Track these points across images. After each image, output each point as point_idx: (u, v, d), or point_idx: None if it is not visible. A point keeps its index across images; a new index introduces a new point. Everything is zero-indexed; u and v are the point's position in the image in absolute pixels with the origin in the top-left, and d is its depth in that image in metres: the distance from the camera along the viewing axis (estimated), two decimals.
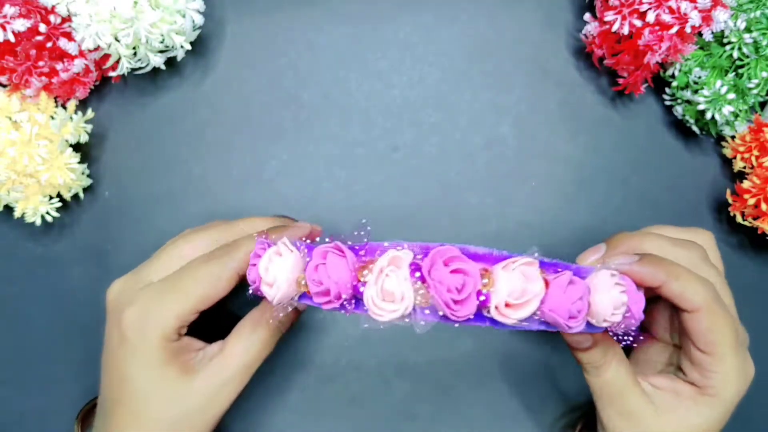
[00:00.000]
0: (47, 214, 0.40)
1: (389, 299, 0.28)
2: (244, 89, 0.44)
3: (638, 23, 0.39)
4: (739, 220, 0.42)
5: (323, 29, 0.44)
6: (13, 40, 0.37)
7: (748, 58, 0.41)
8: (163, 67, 0.41)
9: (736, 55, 0.41)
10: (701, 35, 0.40)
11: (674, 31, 0.39)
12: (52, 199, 0.41)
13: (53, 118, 0.39)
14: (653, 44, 0.39)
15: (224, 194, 0.44)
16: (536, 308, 0.28)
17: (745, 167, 0.42)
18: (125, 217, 0.43)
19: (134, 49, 0.39)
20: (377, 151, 0.44)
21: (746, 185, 0.41)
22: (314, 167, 0.44)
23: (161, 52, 0.40)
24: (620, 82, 0.43)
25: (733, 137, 0.43)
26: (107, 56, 0.40)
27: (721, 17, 0.39)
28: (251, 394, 0.42)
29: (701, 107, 0.41)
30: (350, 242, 0.29)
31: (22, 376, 0.43)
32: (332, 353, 0.43)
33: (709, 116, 0.41)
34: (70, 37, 0.39)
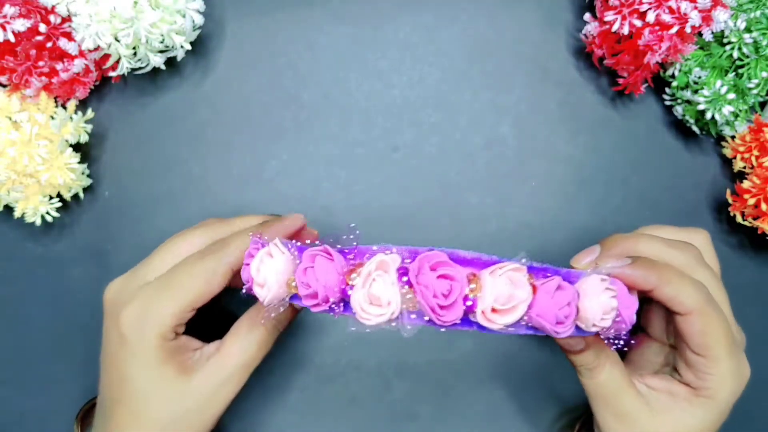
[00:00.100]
0: (47, 214, 0.40)
1: (376, 303, 0.28)
2: (244, 89, 0.44)
3: (638, 23, 0.39)
4: (739, 220, 0.42)
5: (323, 29, 0.44)
6: (13, 40, 0.37)
7: (748, 58, 0.41)
8: (163, 67, 0.41)
9: (736, 55, 0.41)
10: (701, 35, 0.40)
11: (674, 31, 0.39)
12: (52, 199, 0.41)
13: (53, 118, 0.39)
14: (653, 44, 0.39)
15: (224, 194, 0.44)
16: (523, 314, 0.28)
17: (745, 167, 0.42)
18: (125, 217, 0.43)
19: (134, 49, 0.39)
20: (377, 151, 0.44)
21: (746, 185, 0.41)
22: (314, 167, 0.44)
23: (161, 52, 0.40)
24: (620, 82, 0.43)
25: (733, 137, 0.43)
26: (107, 56, 0.40)
27: (721, 17, 0.39)
28: (251, 394, 0.42)
29: (701, 107, 0.41)
30: (339, 245, 0.29)
31: (22, 376, 0.43)
32: (332, 353, 0.43)
33: (709, 116, 0.41)
34: (70, 37, 0.39)
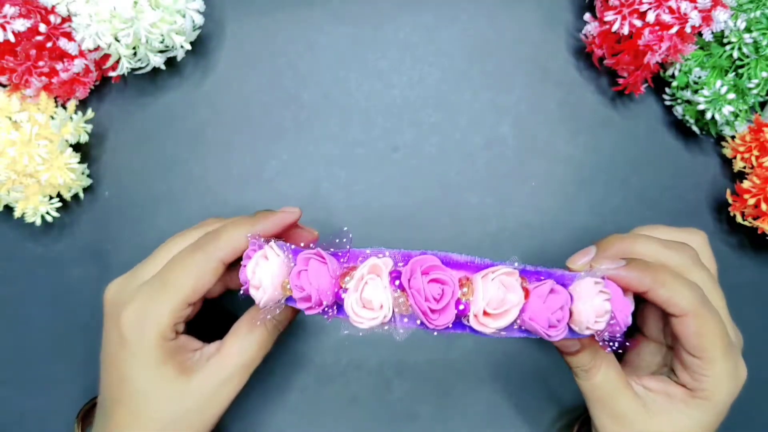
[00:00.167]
0: (47, 214, 0.40)
1: (368, 307, 0.28)
2: (244, 89, 0.44)
3: (638, 23, 0.39)
4: (739, 220, 0.42)
5: (323, 29, 0.44)
6: (13, 40, 0.37)
7: (748, 58, 0.41)
8: (163, 67, 0.41)
9: (736, 55, 0.41)
10: (701, 35, 0.40)
11: (674, 31, 0.39)
12: (52, 199, 0.41)
13: (53, 118, 0.39)
14: (653, 44, 0.39)
15: (224, 194, 0.44)
16: (515, 318, 0.28)
17: (745, 167, 0.42)
18: (125, 217, 0.43)
19: (134, 49, 0.39)
20: (377, 151, 0.44)
21: (746, 185, 0.41)
22: (314, 167, 0.44)
23: (161, 52, 0.40)
24: (620, 82, 0.43)
25: (733, 137, 0.43)
26: (107, 56, 0.40)
27: (721, 17, 0.39)
28: (251, 394, 0.42)
29: (701, 107, 0.41)
30: (333, 249, 0.30)
31: (22, 376, 0.43)
32: (332, 353, 0.43)
33: (709, 116, 0.41)
34: (70, 37, 0.39)
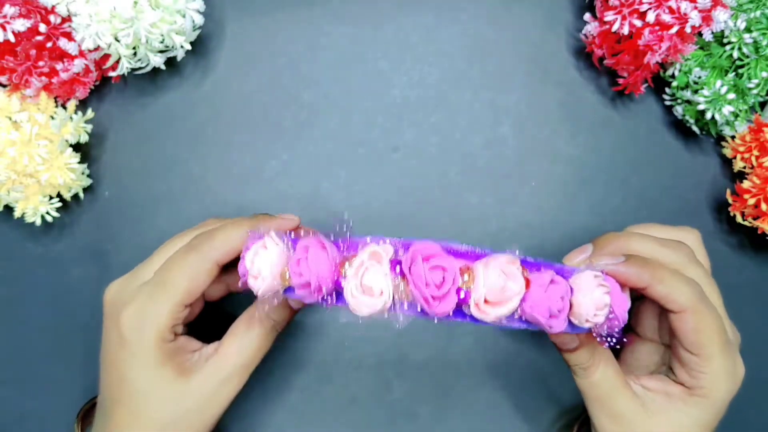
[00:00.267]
0: (47, 214, 0.40)
1: (368, 293, 0.28)
2: (244, 89, 0.44)
3: (638, 23, 0.39)
4: (739, 220, 0.42)
5: (323, 29, 0.44)
6: (13, 40, 0.37)
7: (748, 58, 0.41)
8: (163, 67, 0.41)
9: (736, 55, 0.41)
10: (701, 35, 0.40)
11: (674, 31, 0.39)
12: (52, 199, 0.41)
13: (53, 118, 0.39)
14: (653, 44, 0.39)
15: (224, 194, 0.44)
16: (516, 306, 0.28)
17: (745, 167, 0.42)
18: (125, 217, 0.43)
19: (134, 49, 0.39)
20: (377, 151, 0.44)
21: (746, 185, 0.41)
22: (314, 167, 0.44)
23: (161, 52, 0.40)
24: (620, 82, 0.43)
25: (733, 137, 0.43)
26: (107, 56, 0.40)
27: (721, 17, 0.39)
28: (251, 394, 0.42)
29: (701, 107, 0.41)
30: (333, 236, 0.29)
31: (22, 376, 0.43)
32: (332, 353, 0.43)
33: (709, 116, 0.41)
34: (70, 37, 0.39)
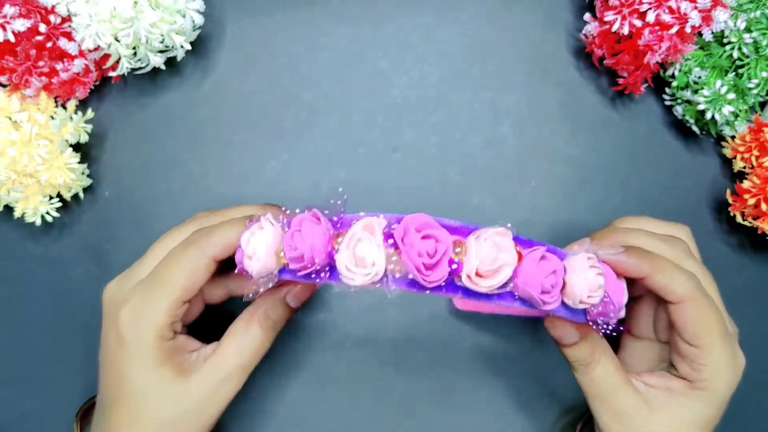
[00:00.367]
0: (47, 214, 0.40)
1: (361, 264, 0.28)
2: (244, 89, 0.44)
3: (638, 23, 0.39)
4: (739, 220, 0.42)
5: (323, 29, 0.44)
6: (13, 40, 0.37)
7: (748, 58, 0.41)
8: (163, 67, 0.41)
9: (736, 55, 0.41)
10: (701, 35, 0.40)
11: (674, 31, 0.39)
12: (52, 199, 0.41)
13: (53, 118, 0.39)
14: (653, 44, 0.39)
15: (224, 194, 0.44)
16: (508, 276, 0.28)
17: (745, 167, 0.42)
18: (125, 217, 0.43)
19: (134, 49, 0.39)
20: (377, 151, 0.44)
21: (746, 185, 0.41)
22: (314, 167, 0.44)
23: (161, 52, 0.40)
24: (620, 82, 0.43)
25: (733, 137, 0.43)
26: (107, 56, 0.40)
27: (721, 17, 0.39)
28: (251, 394, 0.42)
29: (701, 107, 0.41)
30: (327, 212, 0.30)
31: (22, 376, 0.43)
32: (332, 353, 0.43)
33: (709, 116, 0.41)
34: (70, 37, 0.39)
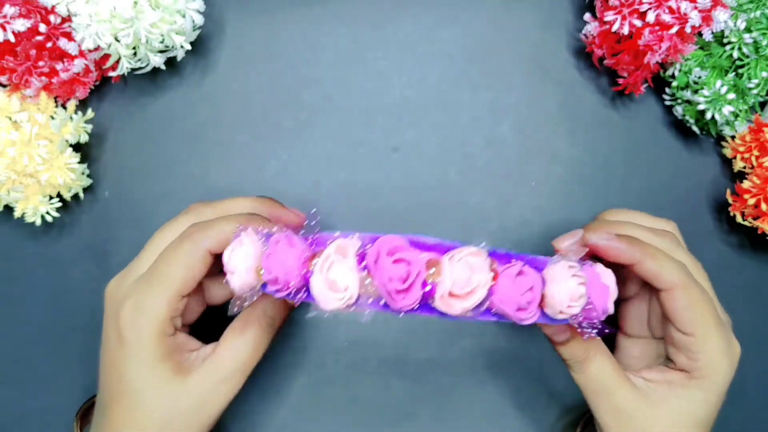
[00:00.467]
0: (47, 214, 0.40)
1: (333, 288, 0.28)
2: (244, 89, 0.44)
3: (638, 23, 0.39)
4: (739, 220, 0.42)
5: (323, 29, 0.44)
6: (13, 40, 0.37)
7: (748, 58, 0.41)
8: (163, 67, 0.41)
9: (736, 55, 0.41)
10: (701, 35, 0.40)
11: (674, 31, 0.39)
12: (52, 199, 0.41)
13: (53, 118, 0.39)
14: (653, 44, 0.39)
15: (224, 194, 0.43)
16: (482, 298, 0.28)
17: (745, 167, 0.42)
18: (125, 217, 0.43)
19: (134, 49, 0.39)
20: (377, 151, 0.44)
21: (746, 185, 0.41)
22: (314, 167, 0.44)
23: (161, 52, 0.40)
24: (620, 82, 0.43)
25: (733, 137, 0.43)
26: (107, 56, 0.40)
27: (721, 17, 0.39)
28: (251, 394, 0.42)
29: (701, 107, 0.41)
30: (302, 232, 0.30)
31: (22, 376, 0.43)
32: (332, 353, 0.43)
33: (709, 116, 0.41)
34: (70, 37, 0.39)
